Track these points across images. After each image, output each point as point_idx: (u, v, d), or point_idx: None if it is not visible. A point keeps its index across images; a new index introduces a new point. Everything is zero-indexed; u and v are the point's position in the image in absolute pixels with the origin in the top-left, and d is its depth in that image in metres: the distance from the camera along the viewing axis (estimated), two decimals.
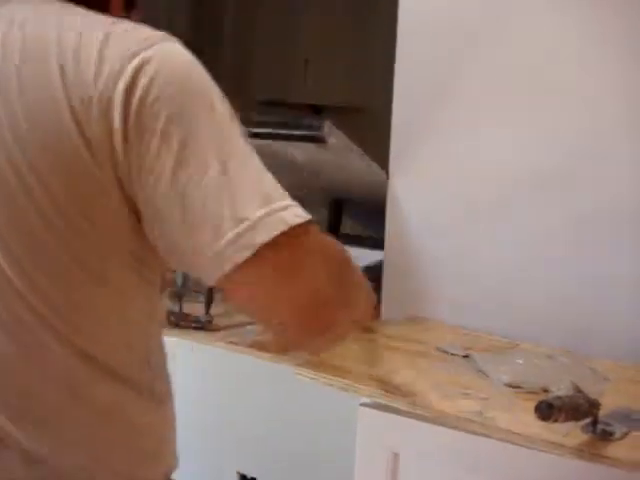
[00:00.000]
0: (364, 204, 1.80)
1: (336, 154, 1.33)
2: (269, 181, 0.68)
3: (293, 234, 0.66)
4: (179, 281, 1.46)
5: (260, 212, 0.65)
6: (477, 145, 1.43)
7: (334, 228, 1.74)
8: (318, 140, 1.24)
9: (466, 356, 1.29)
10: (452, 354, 1.31)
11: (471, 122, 1.43)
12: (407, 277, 1.53)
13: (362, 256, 2.20)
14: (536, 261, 1.42)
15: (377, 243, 2.16)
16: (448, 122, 1.45)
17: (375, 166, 1.43)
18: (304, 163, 1.41)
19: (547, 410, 0.90)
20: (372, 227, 2.12)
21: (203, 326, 1.43)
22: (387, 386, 1.15)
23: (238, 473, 1.53)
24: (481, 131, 1.42)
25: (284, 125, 1.27)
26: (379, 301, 1.55)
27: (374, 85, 4.76)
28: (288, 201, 0.68)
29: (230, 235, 0.65)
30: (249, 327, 1.46)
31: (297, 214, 0.67)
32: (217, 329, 1.44)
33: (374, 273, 1.89)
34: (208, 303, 1.43)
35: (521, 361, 1.24)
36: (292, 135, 1.26)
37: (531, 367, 1.22)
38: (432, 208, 1.50)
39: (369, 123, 4.79)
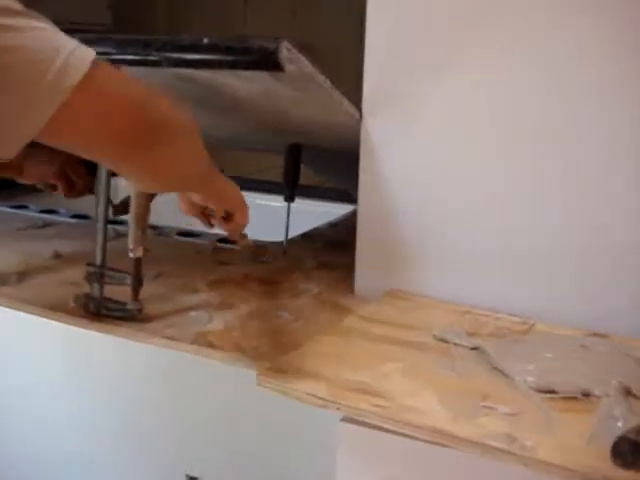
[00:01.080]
0: (329, 150, 1.48)
1: (296, 86, 1.01)
2: None
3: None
4: (98, 257, 1.14)
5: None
6: (463, 86, 1.12)
7: (291, 179, 1.42)
8: (273, 67, 0.91)
9: (475, 348, 1.00)
10: (455, 344, 1.01)
11: (456, 60, 1.11)
12: (385, 241, 1.23)
13: (328, 211, 1.91)
14: (538, 216, 1.12)
15: (344, 196, 1.87)
16: (430, 59, 1.13)
17: (347, 103, 1.10)
18: (254, 97, 1.09)
19: (632, 454, 0.61)
20: (338, 178, 1.82)
21: (131, 316, 1.11)
22: (377, 399, 0.85)
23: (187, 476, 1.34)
24: (467, 72, 1.11)
25: (229, 50, 0.94)
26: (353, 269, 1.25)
27: (320, 22, 4.45)
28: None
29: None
30: (192, 314, 1.15)
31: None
32: (149, 319, 1.12)
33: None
34: (136, 285, 1.11)
35: (550, 355, 0.95)
36: (239, 61, 0.93)
37: (563, 361, 0.94)
38: (414, 155, 1.18)
39: (318, 61, 4.53)
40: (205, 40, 0.96)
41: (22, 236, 1.57)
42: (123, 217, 1.18)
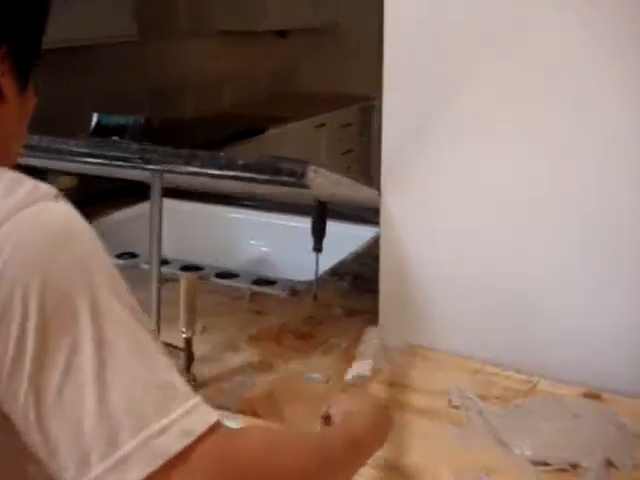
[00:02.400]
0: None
1: (322, 190, 1.15)
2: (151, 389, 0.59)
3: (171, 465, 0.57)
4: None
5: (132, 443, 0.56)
6: (476, 161, 1.26)
7: (319, 232, 1.56)
8: (301, 186, 1.05)
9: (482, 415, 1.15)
10: (467, 410, 1.17)
11: (468, 138, 1.25)
12: (405, 302, 1.38)
13: (355, 233, 2.05)
14: (545, 279, 1.27)
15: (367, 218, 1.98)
16: (444, 136, 1.26)
17: (367, 190, 1.25)
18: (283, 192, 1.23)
19: None
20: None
21: None
22: (395, 473, 1.02)
23: None
24: (478, 147, 1.24)
25: (261, 171, 1.08)
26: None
27: (338, 5, 4.52)
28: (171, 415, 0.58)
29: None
30: (238, 379, 1.31)
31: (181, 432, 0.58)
32: (201, 386, 1.28)
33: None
34: (188, 363, 1.27)
35: (545, 426, 1.11)
36: (270, 180, 1.08)
37: (556, 434, 1.09)
38: (430, 223, 1.33)
39: (336, 42, 4.60)
40: (240, 161, 1.11)
41: None
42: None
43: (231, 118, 3.96)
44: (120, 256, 1.89)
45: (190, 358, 1.28)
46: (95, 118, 1.48)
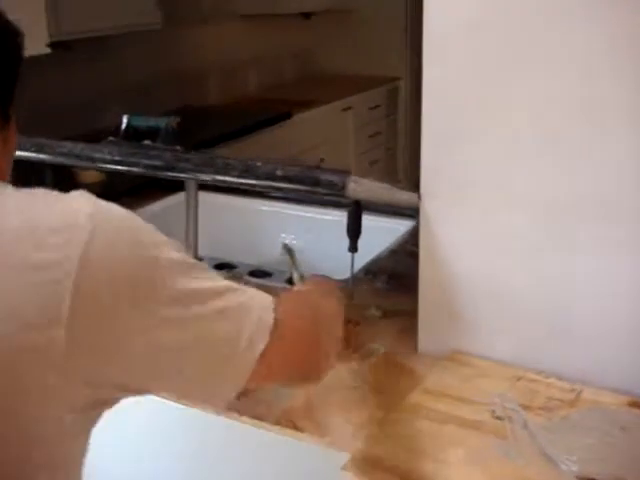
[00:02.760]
0: None
1: (361, 198, 1.12)
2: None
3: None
4: None
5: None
6: (517, 168, 1.22)
7: (354, 232, 1.52)
8: (341, 197, 1.03)
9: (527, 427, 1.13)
10: (511, 422, 1.15)
11: (510, 145, 1.21)
12: (444, 306, 1.36)
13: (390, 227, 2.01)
14: (588, 284, 1.24)
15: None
16: (485, 142, 1.23)
17: (407, 195, 1.22)
18: None
19: None
20: None
21: None
22: None
23: None
24: (521, 153, 1.21)
25: (300, 182, 1.05)
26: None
27: None
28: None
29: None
30: (275, 388, 1.30)
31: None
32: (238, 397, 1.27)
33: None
34: None
35: (591, 440, 1.08)
36: (309, 191, 1.05)
37: (603, 448, 1.07)
38: (469, 228, 1.30)
39: (362, 23, 4.54)
40: (279, 172, 1.08)
41: None
42: None
43: (257, 103, 3.93)
44: None
45: None
46: (125, 120, 1.46)
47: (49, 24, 2.54)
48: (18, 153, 1.44)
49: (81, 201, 0.73)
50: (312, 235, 2.15)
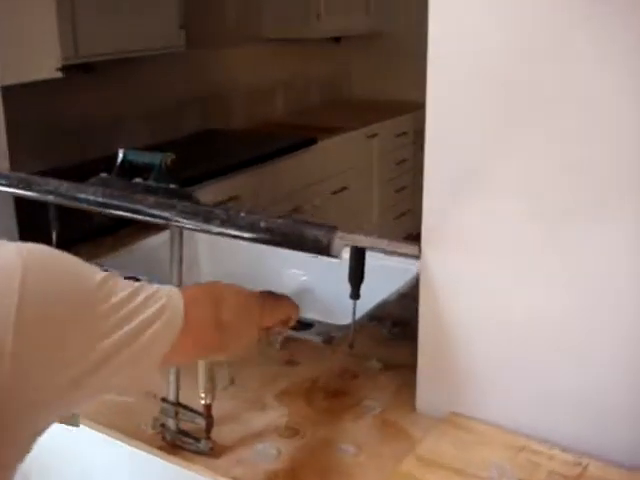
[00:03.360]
0: None
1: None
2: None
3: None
4: (172, 393, 1.22)
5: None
6: (518, 218, 1.14)
7: (356, 279, 1.44)
8: (327, 255, 0.95)
9: None
10: None
11: (513, 195, 1.13)
12: (445, 366, 1.27)
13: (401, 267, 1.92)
14: (594, 350, 1.14)
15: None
16: (487, 194, 1.15)
17: (405, 246, 1.14)
18: None
19: None
20: None
21: (204, 452, 1.19)
22: None
23: None
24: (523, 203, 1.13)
25: (284, 236, 0.98)
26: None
27: (390, 10, 4.39)
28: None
29: None
30: (260, 447, 1.22)
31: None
32: (220, 452, 1.20)
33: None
34: (208, 427, 1.19)
35: None
36: (293, 247, 0.98)
37: None
38: (471, 284, 1.22)
39: (386, 47, 4.47)
40: (262, 223, 1.01)
41: None
42: None
43: (282, 128, 3.88)
44: None
45: (210, 424, 1.20)
46: (121, 154, 1.40)
47: (65, 47, 2.51)
48: (4, 189, 1.41)
49: (10, 246, 0.79)
50: (322, 273, 2.07)
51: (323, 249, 0.95)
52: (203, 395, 1.17)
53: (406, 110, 4.15)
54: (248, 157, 3.32)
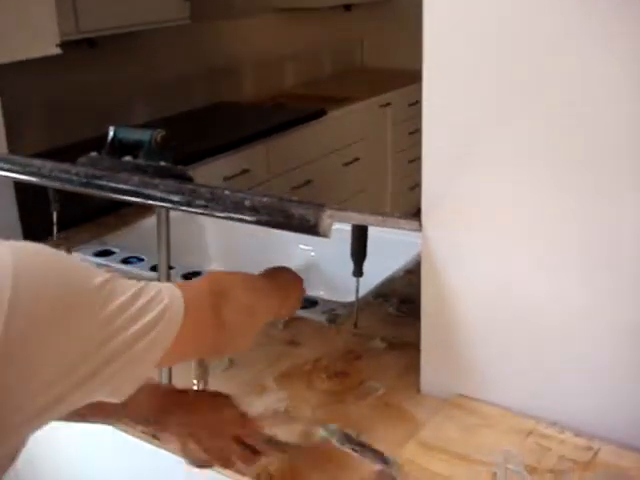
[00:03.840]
0: None
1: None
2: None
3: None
4: (164, 379, 1.18)
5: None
6: (519, 194, 1.07)
7: (359, 256, 1.38)
8: (315, 234, 0.90)
9: None
10: None
11: (512, 172, 1.07)
12: (449, 346, 1.22)
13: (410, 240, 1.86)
14: (604, 320, 1.08)
15: None
16: (487, 171, 1.09)
17: (403, 222, 1.08)
18: None
19: None
20: None
21: None
22: None
23: None
24: (523, 178, 1.06)
25: (270, 214, 0.93)
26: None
27: None
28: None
29: None
30: None
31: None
32: None
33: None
34: None
35: None
36: (280, 225, 0.92)
37: None
38: (473, 262, 1.16)
39: (399, 14, 4.36)
40: (247, 202, 0.96)
41: None
42: None
43: (293, 100, 3.80)
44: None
45: None
46: (111, 132, 1.35)
47: (66, 22, 2.46)
48: None
49: (2, 248, 0.72)
50: (331, 249, 2.02)
51: (310, 228, 0.90)
52: (195, 381, 1.13)
53: (419, 78, 4.04)
54: (258, 130, 3.25)
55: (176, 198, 1.03)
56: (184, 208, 1.02)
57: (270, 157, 3.25)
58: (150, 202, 1.05)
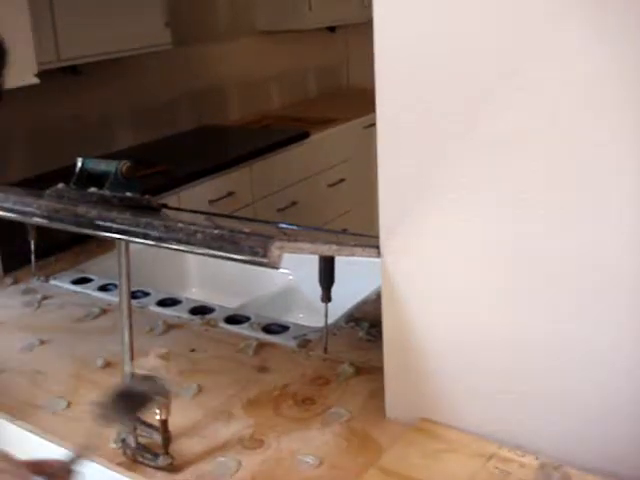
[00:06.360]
0: None
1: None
2: None
3: None
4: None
5: None
6: (477, 221, 1.09)
7: (327, 282, 1.39)
8: (265, 266, 0.91)
9: None
10: None
11: (470, 196, 1.08)
12: (412, 370, 1.23)
13: None
14: (568, 343, 1.09)
15: None
16: (443, 198, 1.10)
17: (360, 251, 1.09)
18: None
19: None
20: None
21: (163, 467, 1.16)
22: None
23: None
24: (481, 205, 1.07)
25: (220, 247, 0.94)
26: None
27: None
28: None
29: None
30: (221, 460, 1.18)
31: None
32: (180, 467, 1.16)
33: None
34: (165, 443, 1.15)
35: None
36: (230, 257, 0.94)
37: None
38: (434, 288, 1.17)
39: None
40: (199, 235, 0.97)
41: (77, 332, 1.64)
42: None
43: (277, 122, 3.82)
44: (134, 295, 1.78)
45: (167, 439, 1.16)
46: (79, 163, 1.37)
47: (46, 51, 2.49)
48: None
49: None
50: (309, 272, 2.04)
51: (260, 259, 0.91)
52: (157, 411, 1.13)
53: None
54: (242, 152, 3.27)
55: (132, 230, 1.04)
56: (139, 240, 1.03)
57: (255, 179, 3.27)
58: (107, 234, 1.06)
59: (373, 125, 1.21)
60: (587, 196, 1.00)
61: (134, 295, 1.79)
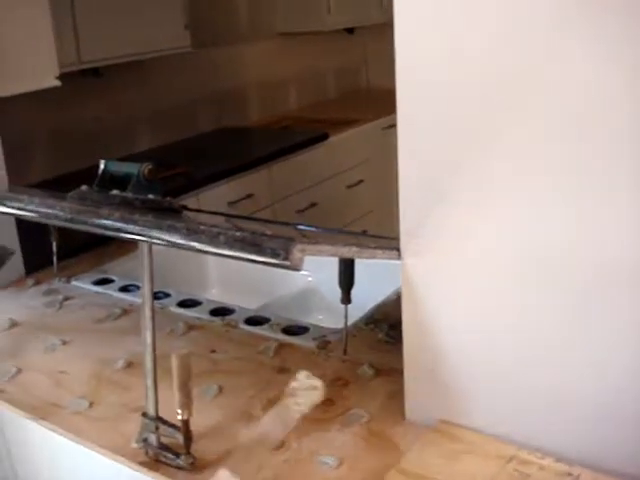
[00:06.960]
0: None
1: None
2: None
3: None
4: (151, 408, 1.20)
5: None
6: (497, 222, 1.09)
7: (347, 284, 1.39)
8: (286, 267, 0.92)
9: None
10: None
11: (489, 195, 1.08)
12: (432, 372, 1.23)
13: None
14: (585, 351, 1.08)
15: None
16: (464, 194, 1.10)
17: (380, 252, 1.09)
18: None
19: None
20: None
21: (185, 467, 1.17)
22: None
23: None
24: (502, 207, 1.07)
25: (243, 249, 0.95)
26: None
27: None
28: None
29: None
30: (241, 461, 1.19)
31: None
32: (201, 468, 1.17)
33: None
34: (187, 443, 1.16)
35: None
36: (252, 259, 0.94)
37: None
38: (454, 288, 1.17)
39: None
40: (221, 237, 0.98)
41: (99, 333, 1.66)
42: None
43: (297, 124, 3.84)
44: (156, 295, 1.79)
45: (188, 439, 1.17)
46: (102, 166, 1.38)
47: (68, 54, 2.51)
48: None
49: None
50: (328, 274, 2.04)
51: (281, 261, 0.92)
52: (179, 411, 1.14)
53: None
54: (262, 154, 3.29)
55: (154, 233, 1.05)
56: (162, 243, 1.04)
57: (274, 181, 3.28)
58: (130, 237, 1.08)
59: (392, 126, 1.22)
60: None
61: (155, 296, 1.79)
